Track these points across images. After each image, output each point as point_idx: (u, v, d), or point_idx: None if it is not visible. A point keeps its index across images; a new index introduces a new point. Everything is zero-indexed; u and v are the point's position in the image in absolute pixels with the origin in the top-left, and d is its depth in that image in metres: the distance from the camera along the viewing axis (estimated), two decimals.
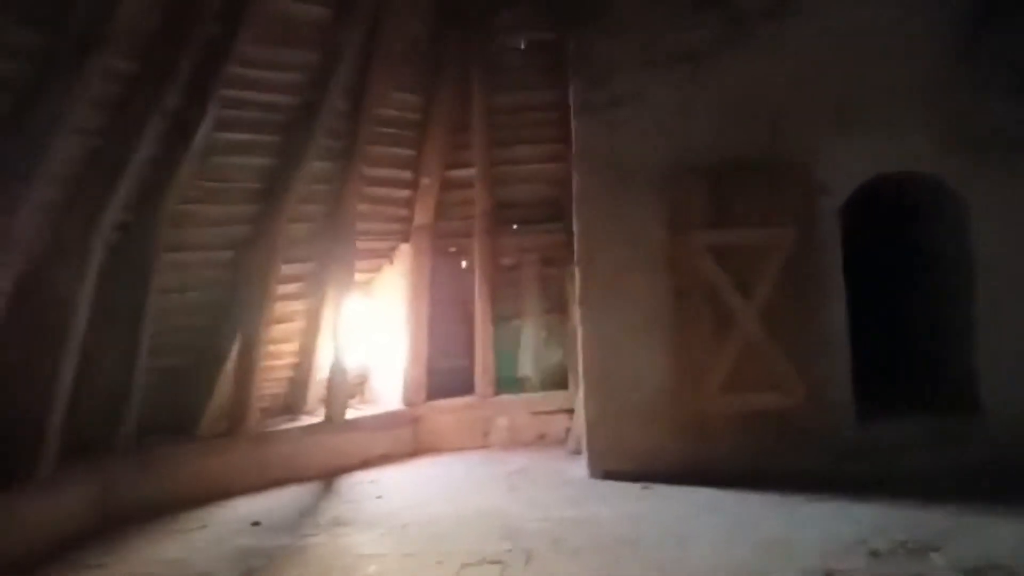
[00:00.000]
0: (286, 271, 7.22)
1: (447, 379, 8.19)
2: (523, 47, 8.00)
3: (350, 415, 7.78)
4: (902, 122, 6.44)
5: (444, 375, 8.19)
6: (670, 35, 6.69)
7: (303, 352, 7.69)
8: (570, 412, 7.66)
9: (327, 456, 7.36)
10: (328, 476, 7.13)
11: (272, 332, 7.28)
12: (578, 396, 7.11)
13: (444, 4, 7.74)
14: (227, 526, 5.92)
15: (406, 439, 7.99)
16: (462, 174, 8.13)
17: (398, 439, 7.95)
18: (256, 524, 5.90)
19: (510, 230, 8.25)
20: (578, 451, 7.09)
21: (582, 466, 6.77)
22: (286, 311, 7.48)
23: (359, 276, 8.04)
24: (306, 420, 7.63)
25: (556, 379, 8.19)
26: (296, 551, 5.34)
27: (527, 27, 7.93)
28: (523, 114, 8.04)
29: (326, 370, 7.67)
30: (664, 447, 6.52)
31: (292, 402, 7.83)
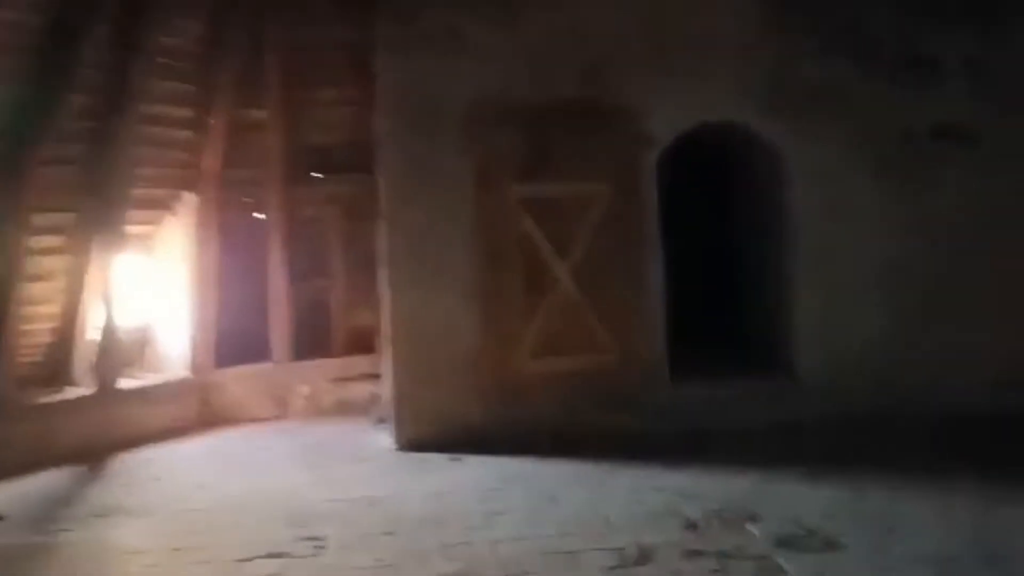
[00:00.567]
0: (41, 222, 6.20)
1: (240, 343, 7.39)
2: None
3: (126, 385, 6.89)
4: (721, 74, 6.25)
5: (237, 339, 7.39)
6: None
7: (66, 314, 6.67)
8: (377, 378, 7.10)
9: (96, 433, 6.45)
10: (97, 457, 6.22)
11: (28, 292, 6.26)
12: (385, 361, 6.55)
13: None
14: None
15: (194, 410, 7.18)
16: (255, 115, 7.28)
17: (184, 411, 7.13)
18: None
19: (311, 179, 7.51)
20: (385, 420, 6.56)
21: (388, 437, 6.24)
22: (45, 268, 6.45)
23: (136, 228, 7.08)
24: (74, 392, 6.66)
25: (363, 342, 7.57)
26: (40, 550, 4.51)
27: None
28: (325, 51, 7.27)
29: (96, 335, 6.72)
30: (476, 414, 6.11)
31: (56, 372, 6.81)
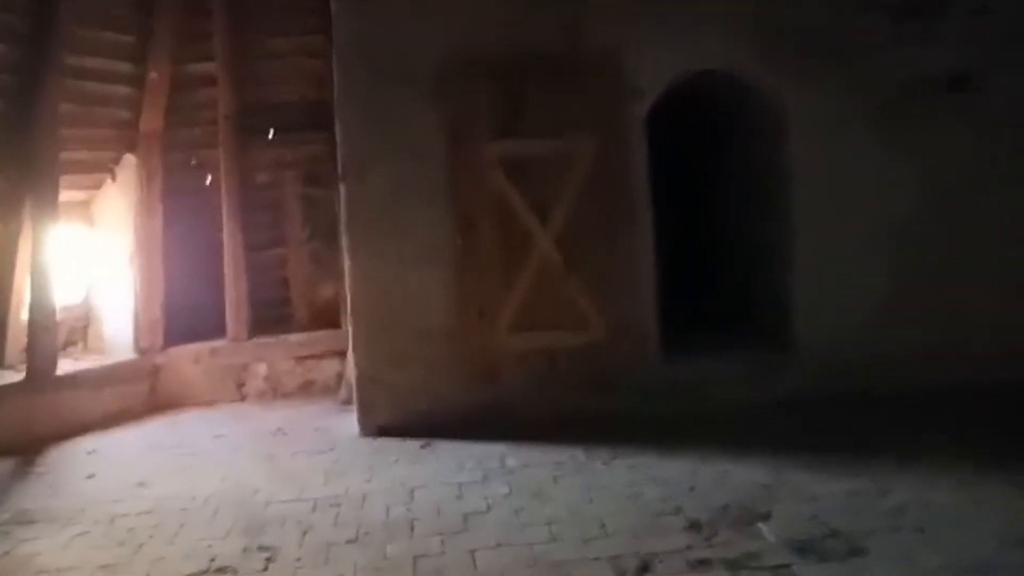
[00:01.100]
0: None
1: (191, 320, 6.77)
2: None
3: (64, 368, 6.25)
4: (713, 19, 5.63)
5: (187, 315, 6.76)
6: None
7: None
8: (342, 355, 6.51)
9: (29, 423, 5.83)
10: (29, 450, 5.61)
11: None
12: (348, 338, 5.97)
13: None
14: None
15: (140, 395, 6.58)
16: (201, 68, 6.60)
17: (130, 395, 6.53)
18: None
19: (265, 140, 6.84)
20: (350, 402, 5.98)
21: (354, 421, 5.67)
22: None
23: (71, 196, 6.41)
24: (3, 378, 6.02)
25: (327, 317, 6.98)
26: None
27: None
28: None
29: (29, 314, 6.07)
30: (449, 395, 5.55)
31: None
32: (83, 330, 6.87)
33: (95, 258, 6.77)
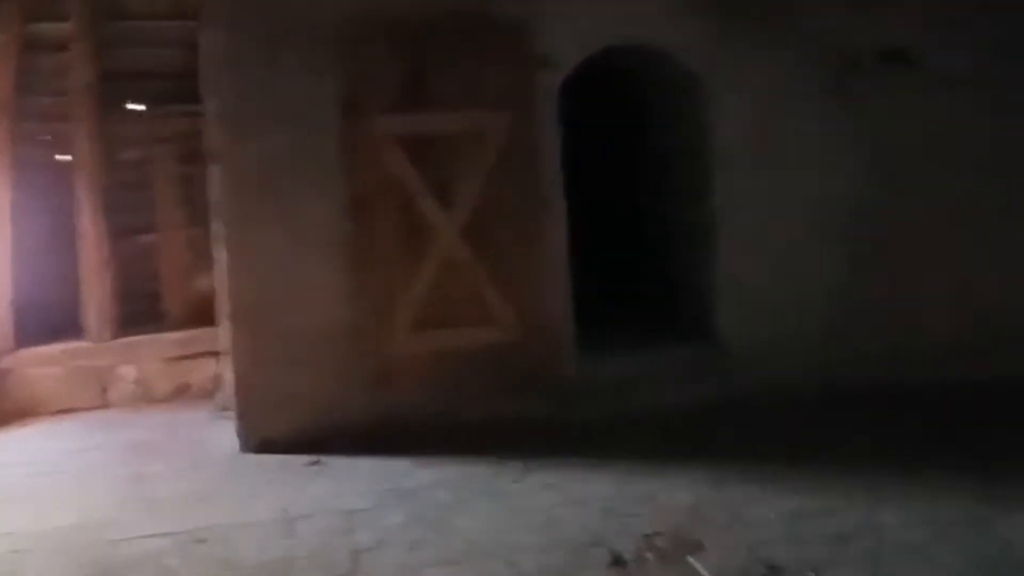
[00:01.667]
0: None
1: (45, 318, 5.93)
2: None
3: None
4: None
5: (41, 312, 5.92)
6: None
7: None
8: (220, 356, 5.78)
9: None
10: None
11: None
12: (224, 338, 5.26)
13: None
14: None
15: None
16: (54, 29, 5.73)
17: None
18: None
19: (130, 112, 6.02)
20: (228, 408, 5.27)
21: (234, 433, 4.98)
22: None
23: None
24: None
25: (205, 312, 6.21)
26: None
27: None
28: None
29: None
30: (343, 403, 4.92)
31: None
32: None
33: None
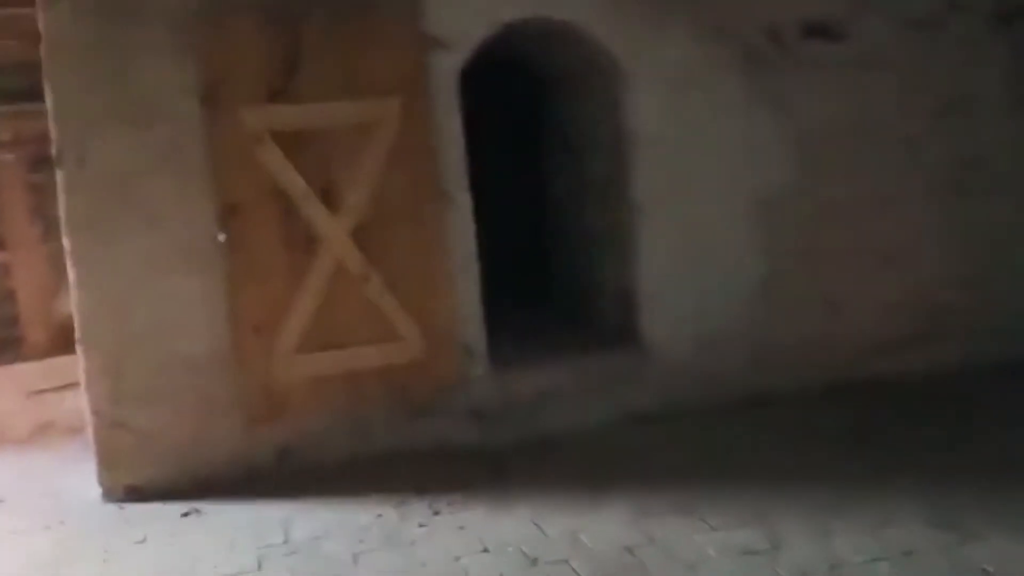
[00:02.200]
0: None
1: None
2: None
3: None
4: None
5: None
6: None
7: None
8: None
9: None
10: None
11: None
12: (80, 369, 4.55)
13: None
14: None
15: None
16: None
17: None
18: None
19: None
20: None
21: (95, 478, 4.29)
22: None
23: None
24: None
25: (71, 338, 5.46)
26: None
27: None
28: None
29: None
30: (221, 441, 4.29)
31: None
32: None
33: None
